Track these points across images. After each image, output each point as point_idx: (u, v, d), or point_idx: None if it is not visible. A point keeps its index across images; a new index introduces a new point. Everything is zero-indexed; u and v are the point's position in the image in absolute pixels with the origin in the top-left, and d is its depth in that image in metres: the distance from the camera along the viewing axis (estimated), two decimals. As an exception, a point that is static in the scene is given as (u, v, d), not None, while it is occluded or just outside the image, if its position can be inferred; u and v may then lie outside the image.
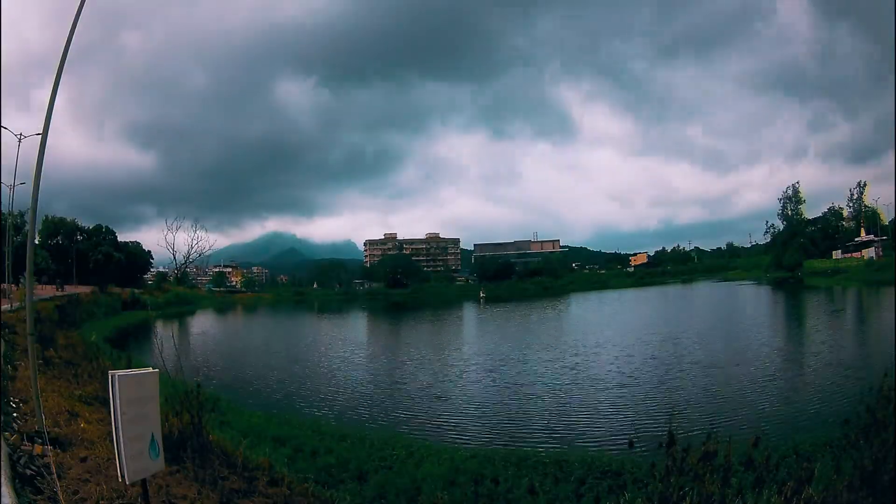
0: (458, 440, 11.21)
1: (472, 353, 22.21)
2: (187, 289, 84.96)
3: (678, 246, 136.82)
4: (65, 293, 43.17)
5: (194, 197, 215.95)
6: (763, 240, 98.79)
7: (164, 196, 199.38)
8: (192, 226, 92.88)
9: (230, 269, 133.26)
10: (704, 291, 63.37)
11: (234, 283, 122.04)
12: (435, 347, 23.86)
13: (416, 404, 14.65)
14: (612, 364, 18.64)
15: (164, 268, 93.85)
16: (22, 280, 33.30)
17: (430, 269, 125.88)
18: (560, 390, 15.32)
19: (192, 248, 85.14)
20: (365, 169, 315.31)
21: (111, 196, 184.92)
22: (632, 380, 16.04)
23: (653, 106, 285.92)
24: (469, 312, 50.44)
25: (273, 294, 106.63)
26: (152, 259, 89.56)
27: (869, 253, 69.56)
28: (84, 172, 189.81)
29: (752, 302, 46.22)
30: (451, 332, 31.77)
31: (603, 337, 24.50)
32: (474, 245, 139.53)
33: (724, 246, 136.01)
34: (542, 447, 10.25)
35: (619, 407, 13.18)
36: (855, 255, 72.43)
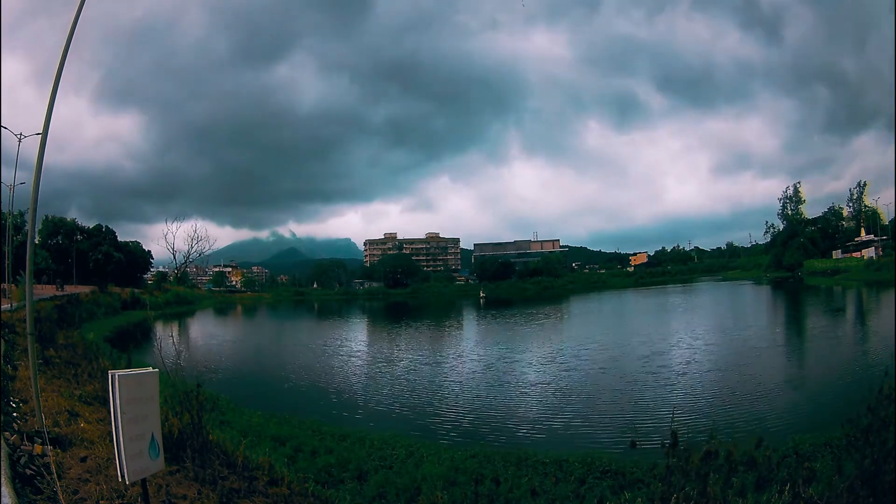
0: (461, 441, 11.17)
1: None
2: (187, 289, 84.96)
3: (678, 246, 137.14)
4: (65, 293, 43.15)
5: (195, 192, 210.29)
6: (763, 239, 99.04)
7: (164, 190, 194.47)
8: (192, 224, 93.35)
9: (230, 269, 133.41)
10: (713, 294, 62.26)
11: (233, 282, 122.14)
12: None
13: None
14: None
15: (164, 267, 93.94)
16: (22, 280, 33.28)
17: (430, 268, 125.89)
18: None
19: (192, 247, 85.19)
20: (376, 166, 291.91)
21: (112, 190, 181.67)
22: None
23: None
24: (470, 321, 46.78)
25: (272, 294, 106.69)
26: (152, 259, 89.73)
27: (869, 253, 69.61)
28: (82, 165, 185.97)
29: (761, 303, 46.19)
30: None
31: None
32: (474, 245, 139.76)
33: (724, 245, 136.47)
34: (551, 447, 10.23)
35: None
36: (855, 254, 72.49)
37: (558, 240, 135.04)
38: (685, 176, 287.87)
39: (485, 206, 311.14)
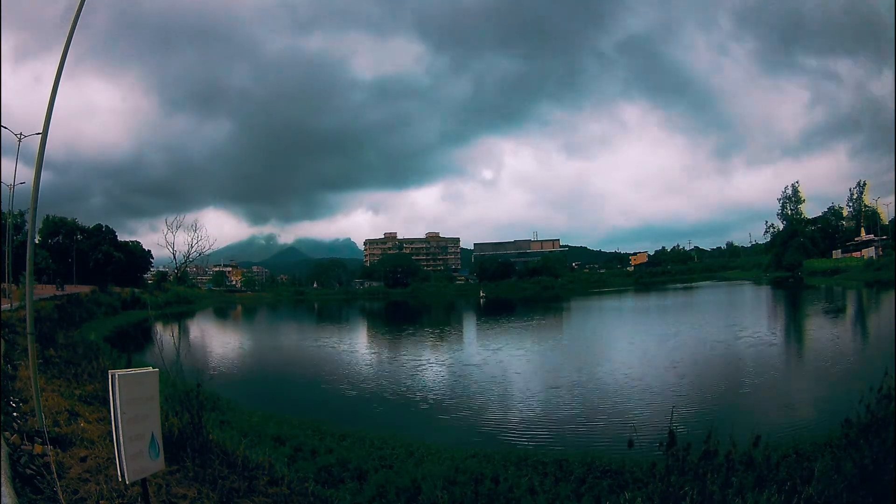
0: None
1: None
2: (187, 288, 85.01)
3: (678, 245, 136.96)
4: (65, 293, 43.18)
5: (213, 183, 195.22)
6: (763, 239, 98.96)
7: (175, 181, 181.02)
8: (193, 221, 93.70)
9: (230, 269, 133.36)
10: (717, 295, 61.14)
11: (233, 282, 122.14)
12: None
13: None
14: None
15: (164, 267, 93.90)
16: (22, 279, 33.29)
17: (430, 268, 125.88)
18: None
19: (192, 246, 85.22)
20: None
21: (122, 182, 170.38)
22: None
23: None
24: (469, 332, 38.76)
25: (272, 294, 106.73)
26: (152, 258, 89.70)
27: (869, 253, 69.57)
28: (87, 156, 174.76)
29: (762, 303, 46.02)
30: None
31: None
32: (474, 244, 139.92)
33: (724, 245, 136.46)
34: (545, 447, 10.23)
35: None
36: (855, 254, 72.47)
37: (558, 239, 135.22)
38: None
39: (547, 186, 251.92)
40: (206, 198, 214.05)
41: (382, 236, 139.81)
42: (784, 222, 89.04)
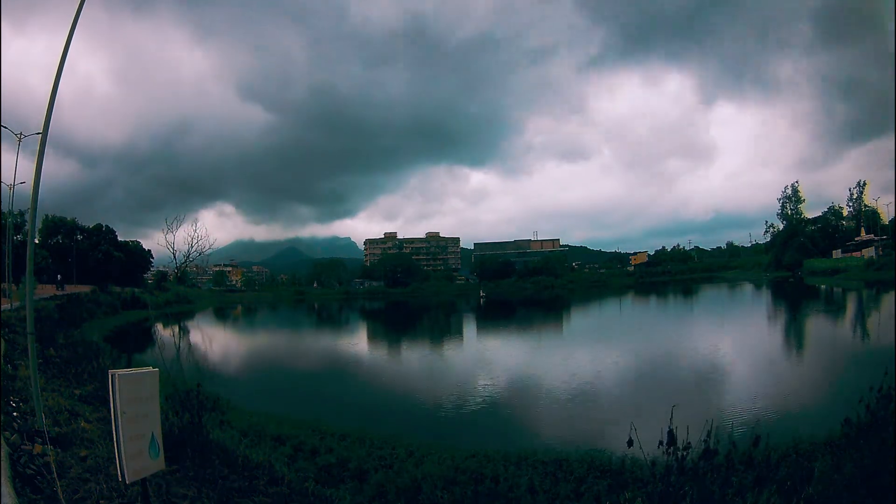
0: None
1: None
2: (187, 288, 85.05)
3: (678, 245, 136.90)
4: (65, 292, 43.15)
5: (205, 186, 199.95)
6: (763, 239, 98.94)
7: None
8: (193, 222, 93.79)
9: (230, 269, 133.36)
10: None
11: (233, 282, 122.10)
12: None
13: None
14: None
15: (164, 267, 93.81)
16: (22, 279, 33.29)
17: (430, 268, 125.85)
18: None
19: (192, 246, 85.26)
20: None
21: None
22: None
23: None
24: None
25: (272, 294, 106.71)
26: (152, 258, 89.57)
27: (869, 252, 69.54)
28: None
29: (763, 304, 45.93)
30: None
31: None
32: (474, 244, 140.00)
33: (724, 245, 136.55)
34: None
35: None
36: (855, 254, 72.45)
37: (558, 239, 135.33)
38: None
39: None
40: (225, 192, 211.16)
41: (382, 236, 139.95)
42: (784, 222, 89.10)
